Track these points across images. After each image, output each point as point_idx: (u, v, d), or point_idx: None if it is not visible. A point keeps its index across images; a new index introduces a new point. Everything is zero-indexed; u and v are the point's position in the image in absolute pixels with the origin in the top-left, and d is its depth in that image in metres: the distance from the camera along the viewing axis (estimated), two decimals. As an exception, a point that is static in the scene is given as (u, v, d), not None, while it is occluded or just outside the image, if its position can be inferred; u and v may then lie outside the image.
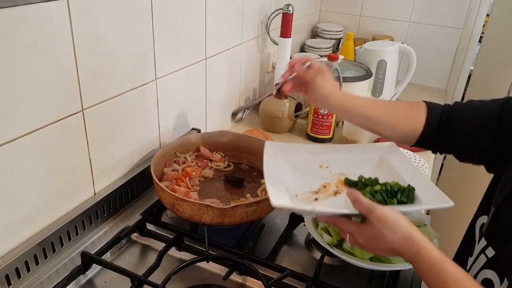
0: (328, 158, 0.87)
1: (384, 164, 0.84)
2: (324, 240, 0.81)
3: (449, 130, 0.77)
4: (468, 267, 0.70)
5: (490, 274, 0.63)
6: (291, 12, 1.46)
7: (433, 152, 0.85)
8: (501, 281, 0.60)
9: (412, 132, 0.80)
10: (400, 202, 0.72)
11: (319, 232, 0.83)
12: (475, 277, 0.66)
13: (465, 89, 2.11)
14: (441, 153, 0.84)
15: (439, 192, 0.73)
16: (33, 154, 0.74)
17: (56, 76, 0.75)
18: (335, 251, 0.78)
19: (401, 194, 0.72)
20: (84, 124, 0.83)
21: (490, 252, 0.64)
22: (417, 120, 0.79)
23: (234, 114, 1.05)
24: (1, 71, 0.65)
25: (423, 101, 0.81)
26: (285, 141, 0.89)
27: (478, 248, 0.67)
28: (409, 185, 0.74)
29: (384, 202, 0.71)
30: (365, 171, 0.81)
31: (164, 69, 1.03)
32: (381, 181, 0.76)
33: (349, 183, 0.81)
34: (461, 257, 0.81)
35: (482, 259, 0.65)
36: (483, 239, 0.67)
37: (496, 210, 0.67)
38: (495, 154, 0.72)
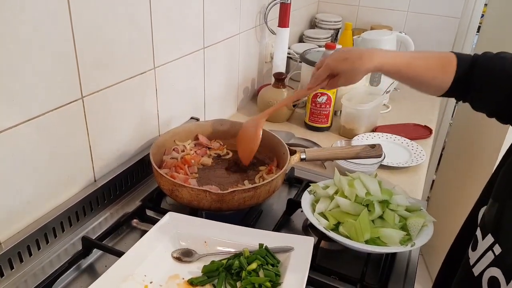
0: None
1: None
2: (320, 223, 0.82)
3: (469, 81, 0.79)
4: (472, 262, 0.68)
5: (496, 272, 0.61)
6: (288, 2, 1.47)
7: (456, 100, 0.87)
8: (507, 281, 0.59)
9: (441, 88, 0.84)
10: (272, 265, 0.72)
11: (316, 217, 0.85)
12: (481, 274, 0.64)
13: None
14: (463, 102, 0.86)
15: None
16: (34, 140, 0.75)
17: (56, 63, 0.75)
18: (332, 234, 0.79)
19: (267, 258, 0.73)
20: (84, 111, 0.84)
21: (498, 249, 0.62)
22: (447, 78, 0.82)
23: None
24: (2, 59, 0.66)
25: (454, 53, 0.83)
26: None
27: (484, 244, 0.65)
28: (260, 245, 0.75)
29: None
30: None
31: (163, 58, 1.04)
32: None
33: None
34: (460, 246, 0.81)
35: (490, 256, 0.63)
36: (489, 235, 0.65)
37: (501, 206, 0.65)
38: (506, 112, 0.75)
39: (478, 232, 0.68)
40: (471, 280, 0.67)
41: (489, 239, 0.64)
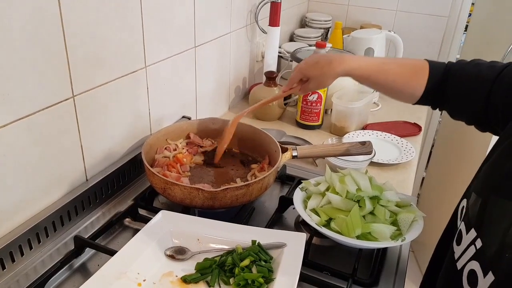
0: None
1: None
2: (312, 220, 0.83)
3: (444, 89, 0.80)
4: (457, 256, 0.68)
5: (475, 265, 0.62)
6: (279, 1, 1.48)
7: (432, 108, 0.87)
8: (484, 274, 0.59)
9: (414, 95, 0.84)
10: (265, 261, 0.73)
11: (308, 213, 0.85)
12: (462, 268, 0.65)
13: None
14: (439, 110, 0.86)
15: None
16: (25, 140, 0.75)
17: (46, 62, 0.75)
18: (323, 230, 0.80)
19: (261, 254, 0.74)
20: (75, 110, 0.84)
21: (479, 243, 0.62)
22: (419, 85, 0.82)
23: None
24: (-9, 57, 0.66)
25: (427, 60, 0.83)
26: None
27: (468, 238, 0.66)
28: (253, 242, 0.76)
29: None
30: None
31: (154, 57, 1.04)
32: None
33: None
34: (446, 241, 0.82)
35: (472, 250, 0.64)
36: (472, 230, 0.65)
37: (484, 201, 0.65)
38: (485, 118, 0.75)
39: (463, 227, 0.69)
40: (454, 273, 0.67)
41: (472, 233, 0.65)
